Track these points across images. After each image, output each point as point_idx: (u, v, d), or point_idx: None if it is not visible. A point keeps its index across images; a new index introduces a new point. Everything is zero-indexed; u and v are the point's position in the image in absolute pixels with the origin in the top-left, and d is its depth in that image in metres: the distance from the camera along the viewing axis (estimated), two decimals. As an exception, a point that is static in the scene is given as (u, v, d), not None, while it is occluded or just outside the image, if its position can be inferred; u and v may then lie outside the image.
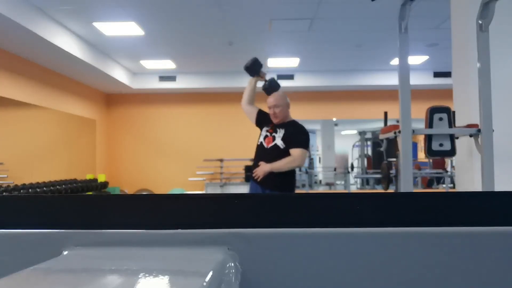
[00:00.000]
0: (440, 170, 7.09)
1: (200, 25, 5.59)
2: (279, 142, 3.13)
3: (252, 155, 3.30)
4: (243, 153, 8.52)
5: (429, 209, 0.55)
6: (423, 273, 0.52)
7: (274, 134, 3.20)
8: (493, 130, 2.40)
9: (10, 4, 4.48)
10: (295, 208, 0.56)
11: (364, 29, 5.78)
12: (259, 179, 3.11)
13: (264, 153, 3.19)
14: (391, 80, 7.90)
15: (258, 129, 3.41)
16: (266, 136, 3.24)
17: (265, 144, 3.21)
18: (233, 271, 0.50)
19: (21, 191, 5.29)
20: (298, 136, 3.17)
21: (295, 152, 3.07)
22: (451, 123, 2.60)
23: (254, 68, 3.49)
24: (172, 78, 8.45)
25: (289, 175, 3.16)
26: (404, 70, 2.50)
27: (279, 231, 0.53)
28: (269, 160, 3.11)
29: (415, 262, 0.52)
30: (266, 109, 3.38)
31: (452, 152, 2.58)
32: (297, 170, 3.71)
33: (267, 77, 3.56)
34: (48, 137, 6.79)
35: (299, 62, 7.59)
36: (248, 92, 3.52)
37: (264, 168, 3.10)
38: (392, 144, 2.98)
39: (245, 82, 9.83)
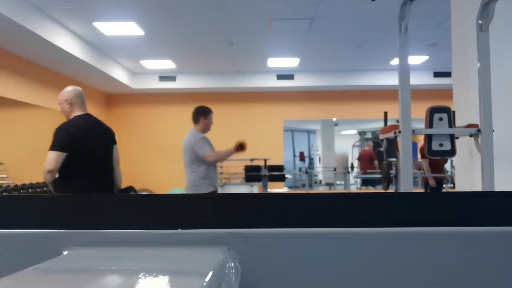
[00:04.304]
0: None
1: (200, 25, 5.59)
2: None
3: (252, 155, 3.28)
4: (243, 153, 8.51)
5: (429, 209, 0.55)
6: (423, 273, 0.52)
7: None
8: (493, 130, 2.39)
9: (10, 4, 4.48)
10: (295, 208, 0.56)
11: (364, 29, 5.78)
12: None
13: None
14: (391, 80, 7.90)
15: (257, 129, 3.40)
16: None
17: None
18: (233, 271, 0.50)
19: (21, 191, 5.29)
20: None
21: None
22: (451, 123, 2.59)
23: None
24: (172, 78, 8.45)
25: (59, 184, 2.72)
26: (404, 70, 2.50)
27: (279, 231, 0.53)
28: None
29: (415, 262, 0.52)
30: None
31: (452, 152, 2.58)
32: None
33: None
34: (48, 137, 6.78)
35: (299, 62, 7.59)
36: None
37: None
38: (392, 144, 2.98)
39: (244, 82, 9.79)
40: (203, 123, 3.71)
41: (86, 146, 2.79)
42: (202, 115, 3.71)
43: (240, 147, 3.64)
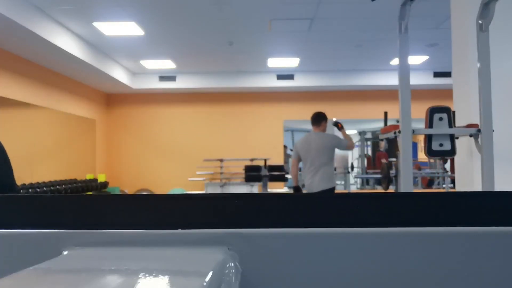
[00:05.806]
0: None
1: (200, 25, 5.59)
2: None
3: (252, 155, 3.31)
4: (243, 153, 8.52)
5: (429, 209, 0.55)
6: (423, 273, 0.52)
7: None
8: (493, 130, 2.39)
9: (10, 4, 4.48)
10: (295, 208, 0.56)
11: (364, 29, 5.78)
12: None
13: None
14: (391, 80, 7.90)
15: (257, 129, 3.46)
16: None
17: None
18: (233, 271, 0.50)
19: (21, 191, 5.29)
20: None
21: None
22: (451, 123, 2.59)
23: None
24: (172, 78, 8.45)
25: None
26: (404, 70, 2.50)
27: (279, 231, 0.53)
28: None
29: (415, 262, 0.52)
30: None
31: (452, 152, 2.58)
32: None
33: None
34: (48, 137, 6.79)
35: (299, 62, 7.59)
36: None
37: None
38: (392, 144, 2.98)
39: (244, 82, 9.80)
40: (324, 126, 4.32)
41: None
42: (324, 119, 4.32)
43: (341, 125, 4.37)
